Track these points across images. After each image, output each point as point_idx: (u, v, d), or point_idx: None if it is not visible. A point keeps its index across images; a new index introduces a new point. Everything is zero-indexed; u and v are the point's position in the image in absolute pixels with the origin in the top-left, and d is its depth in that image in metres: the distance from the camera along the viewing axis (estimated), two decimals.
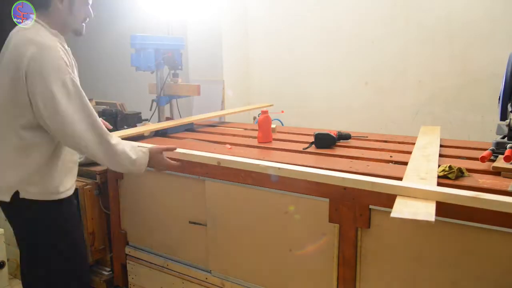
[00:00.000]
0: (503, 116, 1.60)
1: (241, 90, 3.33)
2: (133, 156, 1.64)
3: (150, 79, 2.62)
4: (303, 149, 1.93)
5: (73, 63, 1.60)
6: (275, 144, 2.08)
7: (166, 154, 1.79)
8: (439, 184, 1.38)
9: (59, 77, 1.45)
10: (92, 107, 1.56)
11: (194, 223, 2.02)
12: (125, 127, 2.31)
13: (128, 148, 1.64)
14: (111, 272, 2.51)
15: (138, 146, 1.70)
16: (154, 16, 3.33)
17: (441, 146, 1.94)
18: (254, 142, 2.13)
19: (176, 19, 3.24)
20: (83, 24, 1.67)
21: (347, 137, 2.08)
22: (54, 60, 1.46)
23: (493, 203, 1.21)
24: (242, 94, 3.34)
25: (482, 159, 1.52)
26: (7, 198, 1.56)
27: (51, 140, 1.58)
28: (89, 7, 1.67)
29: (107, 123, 1.88)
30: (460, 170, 1.42)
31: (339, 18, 2.89)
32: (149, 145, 1.78)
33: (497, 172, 1.45)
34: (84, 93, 1.53)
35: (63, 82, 1.46)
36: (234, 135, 2.39)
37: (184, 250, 2.11)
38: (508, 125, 1.61)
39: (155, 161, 1.74)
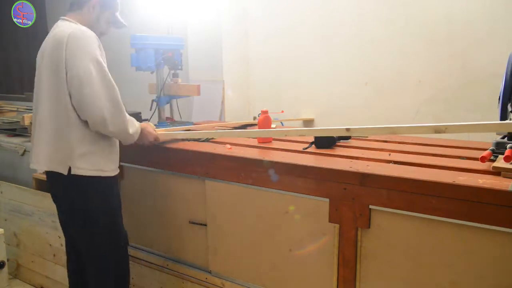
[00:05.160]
0: (503, 116, 1.60)
1: (241, 90, 3.33)
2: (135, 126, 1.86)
3: (150, 79, 2.62)
4: (303, 149, 1.93)
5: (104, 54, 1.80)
6: (275, 144, 2.08)
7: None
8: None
9: (94, 55, 1.68)
10: (115, 86, 1.74)
11: (194, 223, 2.02)
12: None
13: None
14: None
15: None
16: (154, 16, 3.32)
17: (441, 146, 1.95)
18: (254, 142, 2.13)
19: (176, 19, 3.24)
20: (100, 36, 1.85)
21: (347, 137, 2.08)
22: (90, 40, 1.70)
23: None
24: (242, 94, 3.34)
25: (482, 159, 1.52)
26: (64, 171, 1.73)
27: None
28: (111, 25, 1.91)
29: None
30: None
31: (339, 18, 2.89)
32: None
33: (497, 172, 1.45)
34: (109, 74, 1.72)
35: (97, 60, 1.68)
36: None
37: (184, 250, 2.12)
38: None
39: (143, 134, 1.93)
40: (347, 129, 1.54)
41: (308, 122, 3.08)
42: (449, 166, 1.56)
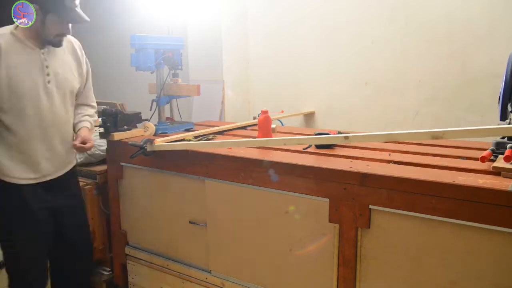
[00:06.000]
0: (503, 116, 1.60)
1: (241, 90, 3.33)
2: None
3: (150, 79, 2.62)
4: (303, 149, 1.93)
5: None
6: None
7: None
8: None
9: None
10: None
11: (194, 223, 2.02)
12: (125, 127, 2.31)
13: None
14: (111, 272, 2.51)
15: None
16: (154, 16, 3.32)
17: (441, 146, 1.94)
18: None
19: (176, 19, 3.24)
20: (60, 38, 1.81)
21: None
22: None
23: None
24: (242, 94, 3.34)
25: (482, 159, 1.52)
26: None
27: None
28: (69, 26, 1.82)
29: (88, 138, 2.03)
30: None
31: (339, 18, 2.89)
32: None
33: (497, 172, 1.45)
34: None
35: None
36: (234, 135, 2.39)
37: (184, 250, 2.11)
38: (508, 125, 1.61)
39: None
40: (345, 137, 1.54)
41: (308, 116, 3.08)
42: (449, 166, 1.56)
